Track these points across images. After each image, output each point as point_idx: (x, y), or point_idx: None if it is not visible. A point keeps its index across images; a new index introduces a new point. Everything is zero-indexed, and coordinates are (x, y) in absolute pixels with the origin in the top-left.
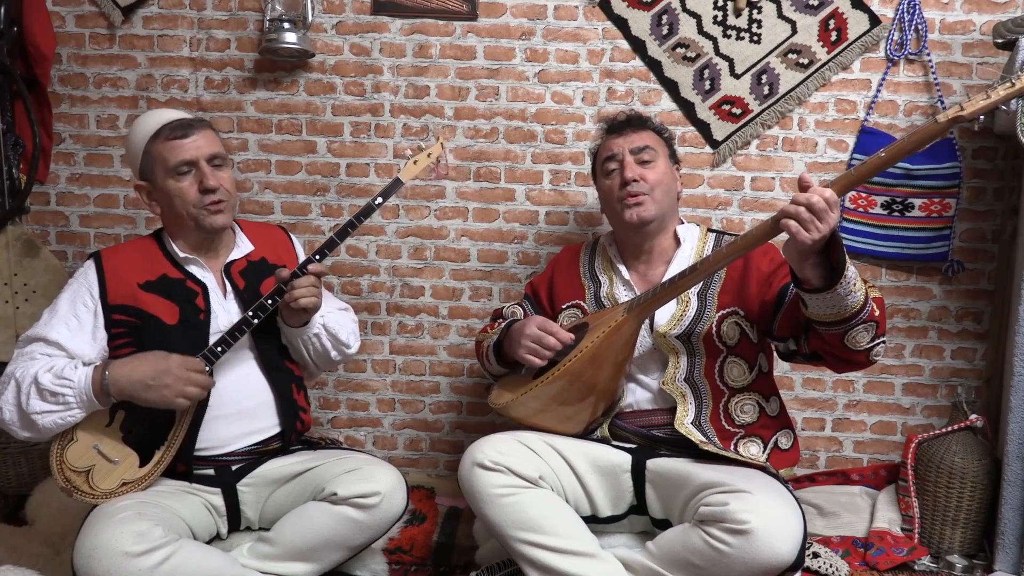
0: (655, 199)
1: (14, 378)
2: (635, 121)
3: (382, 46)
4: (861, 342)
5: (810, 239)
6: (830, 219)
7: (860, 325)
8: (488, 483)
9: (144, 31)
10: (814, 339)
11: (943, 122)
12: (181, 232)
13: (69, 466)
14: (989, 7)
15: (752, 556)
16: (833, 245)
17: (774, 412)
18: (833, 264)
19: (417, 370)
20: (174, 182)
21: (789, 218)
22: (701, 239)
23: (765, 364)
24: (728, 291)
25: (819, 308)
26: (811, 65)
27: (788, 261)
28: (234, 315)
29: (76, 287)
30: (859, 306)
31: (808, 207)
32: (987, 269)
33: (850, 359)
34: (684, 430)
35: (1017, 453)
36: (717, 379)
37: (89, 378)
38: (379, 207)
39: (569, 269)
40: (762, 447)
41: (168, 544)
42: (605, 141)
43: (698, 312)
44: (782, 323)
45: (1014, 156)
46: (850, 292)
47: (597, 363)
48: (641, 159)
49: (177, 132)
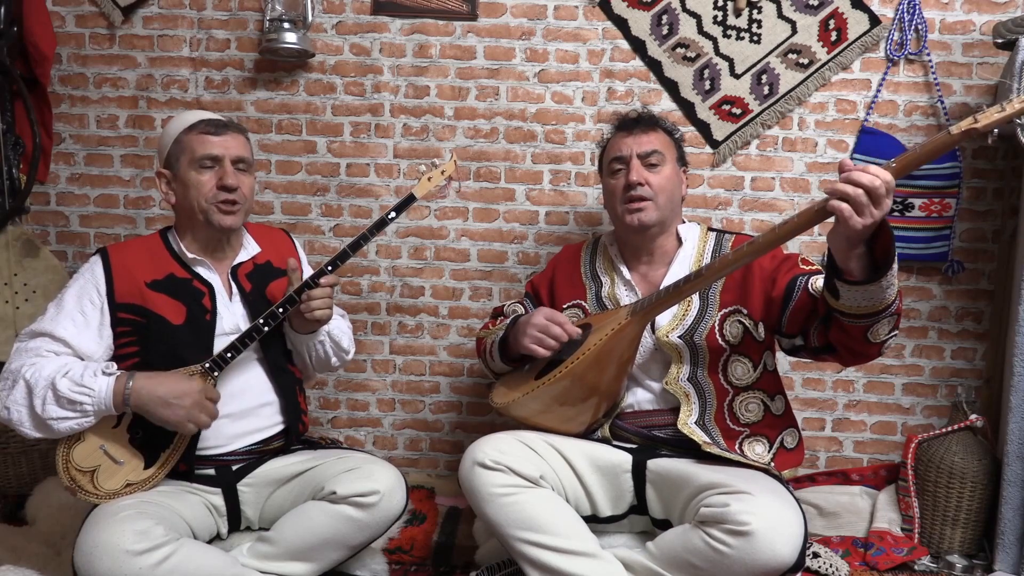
0: (658, 205)
1: (23, 377)
2: (646, 120)
3: (382, 46)
4: (881, 334)
5: (862, 224)
6: (886, 205)
7: (887, 318)
8: (489, 482)
9: (144, 31)
10: (835, 331)
11: (956, 134)
12: (191, 229)
13: (75, 465)
14: (989, 7)
15: (752, 557)
16: (883, 233)
17: (779, 411)
18: (876, 255)
19: (417, 370)
20: (195, 174)
21: (844, 201)
22: (702, 238)
23: (770, 362)
24: (730, 290)
25: (855, 300)
26: (811, 65)
27: (832, 248)
28: (239, 318)
29: (83, 283)
30: (893, 298)
31: (869, 191)
32: (987, 269)
33: (865, 352)
34: (687, 431)
35: (1017, 453)
36: (721, 378)
37: (111, 389)
38: (392, 221)
39: (570, 268)
40: (768, 446)
41: (169, 543)
42: (614, 138)
43: (700, 312)
44: (792, 318)
45: (1014, 156)
46: (891, 284)
47: (600, 365)
48: (648, 163)
49: (211, 128)
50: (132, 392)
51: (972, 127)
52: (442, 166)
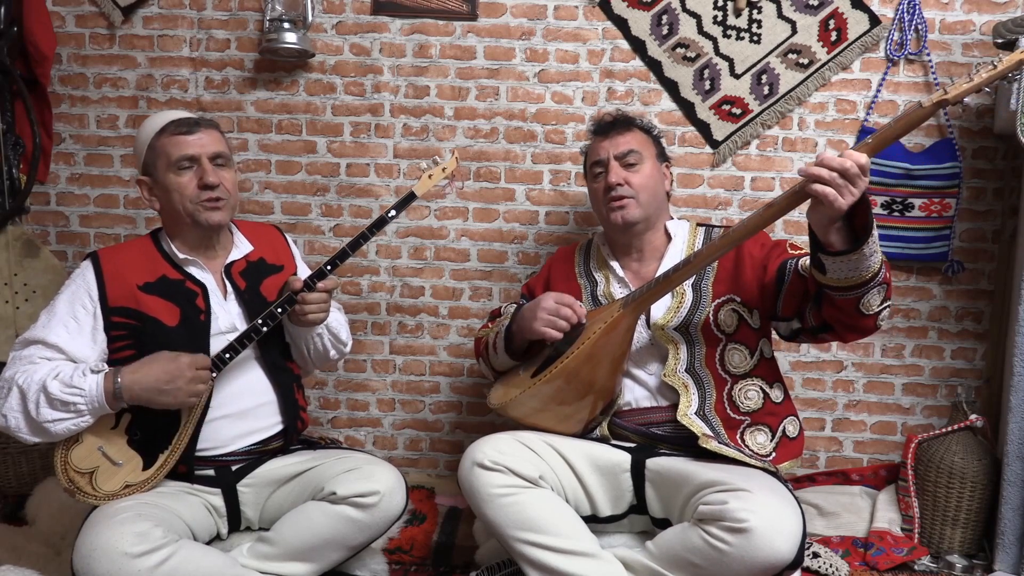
0: (640, 202)
1: (16, 384)
2: (621, 122)
3: (382, 46)
4: (873, 305)
5: (845, 204)
6: (862, 184)
7: (875, 288)
8: (488, 483)
9: (144, 31)
10: (827, 307)
11: (928, 106)
12: (179, 230)
13: (73, 467)
14: (989, 7)
15: (751, 555)
16: (862, 207)
17: (778, 399)
18: (856, 226)
19: (417, 370)
20: (175, 176)
21: (822, 184)
22: (691, 233)
23: (767, 350)
24: (722, 280)
25: (840, 272)
26: (811, 65)
27: (812, 226)
28: (235, 316)
29: (74, 288)
30: (878, 267)
31: (842, 172)
32: (987, 269)
33: (860, 325)
34: (687, 421)
35: (1017, 453)
36: (718, 367)
37: (100, 386)
38: (392, 220)
39: (565, 268)
40: (770, 435)
41: (168, 545)
42: (592, 143)
43: (694, 302)
44: (787, 301)
45: (1014, 156)
46: (873, 252)
47: (594, 360)
48: (626, 163)
49: (182, 128)
50: (123, 388)
51: (943, 98)
52: (443, 164)
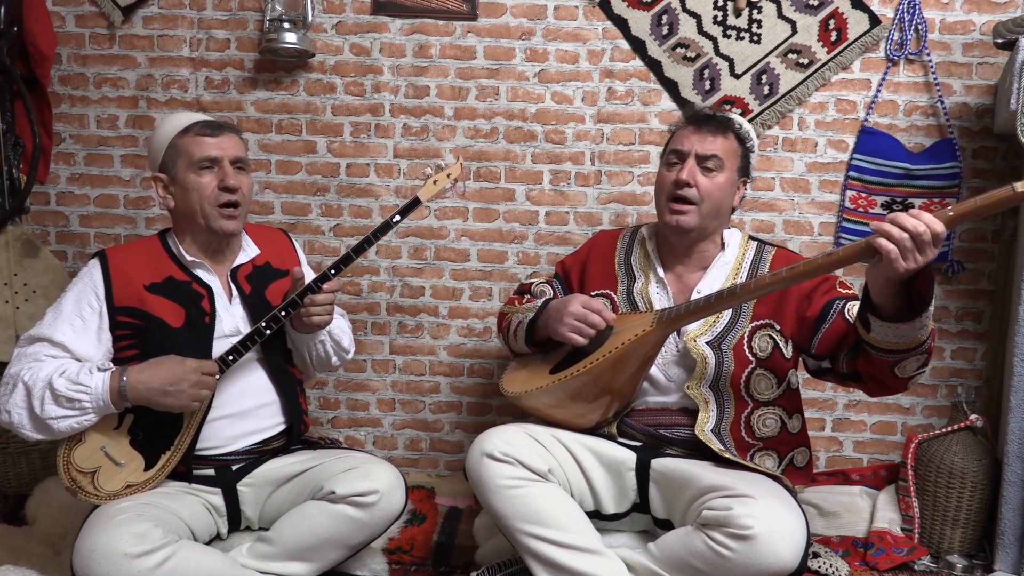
0: (701, 212)
1: (22, 381)
2: (718, 121)
3: (382, 46)
4: (909, 369)
5: (904, 268)
6: (931, 253)
7: (917, 355)
8: (497, 474)
9: (144, 31)
10: (862, 360)
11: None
12: (190, 231)
13: (75, 466)
14: (989, 7)
15: (754, 562)
16: (923, 276)
17: (795, 429)
18: (913, 295)
19: (417, 370)
20: (195, 176)
21: (890, 242)
22: (742, 246)
23: (794, 380)
24: (764, 303)
25: (886, 336)
26: (811, 65)
27: (869, 283)
28: (239, 320)
29: (81, 287)
30: (925, 337)
31: (913, 235)
32: (987, 269)
33: (890, 384)
34: (704, 437)
35: (1017, 453)
36: (743, 390)
37: (107, 384)
38: (396, 225)
39: (605, 257)
40: (777, 462)
41: (168, 545)
42: (681, 130)
43: (731, 321)
44: (823, 341)
45: (1014, 156)
46: (924, 325)
47: (619, 368)
48: (705, 166)
49: (206, 130)
50: (128, 388)
51: None
52: (447, 169)
